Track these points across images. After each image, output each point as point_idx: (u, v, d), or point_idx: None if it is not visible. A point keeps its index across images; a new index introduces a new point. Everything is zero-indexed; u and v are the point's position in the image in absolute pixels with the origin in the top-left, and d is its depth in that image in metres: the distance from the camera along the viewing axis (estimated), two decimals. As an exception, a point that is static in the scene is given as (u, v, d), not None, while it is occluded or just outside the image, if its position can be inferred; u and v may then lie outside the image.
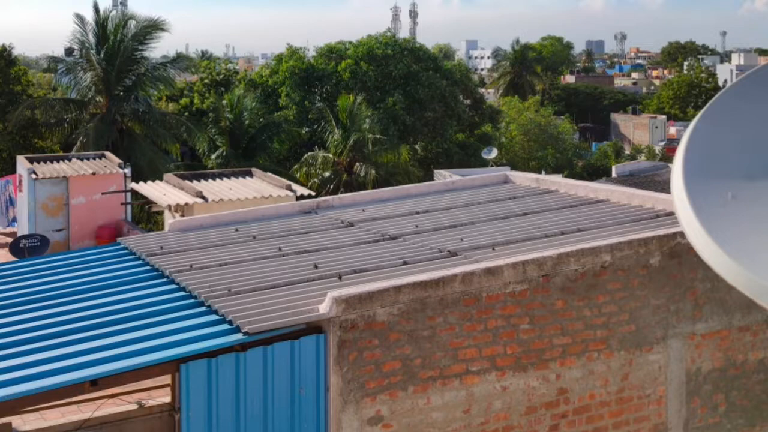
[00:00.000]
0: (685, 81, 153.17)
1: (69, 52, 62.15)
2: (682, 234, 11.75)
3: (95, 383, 10.66)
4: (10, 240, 35.71)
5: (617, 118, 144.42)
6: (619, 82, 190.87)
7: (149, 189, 36.43)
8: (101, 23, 57.88)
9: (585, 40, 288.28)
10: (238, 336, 11.23)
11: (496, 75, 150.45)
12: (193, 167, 57.35)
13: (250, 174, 38.58)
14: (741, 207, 3.82)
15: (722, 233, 3.62)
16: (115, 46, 57.05)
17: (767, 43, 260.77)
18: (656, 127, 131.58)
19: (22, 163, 41.04)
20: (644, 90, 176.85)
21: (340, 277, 13.21)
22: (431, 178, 48.16)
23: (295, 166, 64.25)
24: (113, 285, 14.04)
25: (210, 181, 36.80)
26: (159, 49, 60.49)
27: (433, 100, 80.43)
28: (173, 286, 13.59)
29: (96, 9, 58.36)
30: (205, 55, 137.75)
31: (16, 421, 13.70)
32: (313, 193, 34.63)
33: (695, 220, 3.72)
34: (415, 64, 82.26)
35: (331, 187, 61.66)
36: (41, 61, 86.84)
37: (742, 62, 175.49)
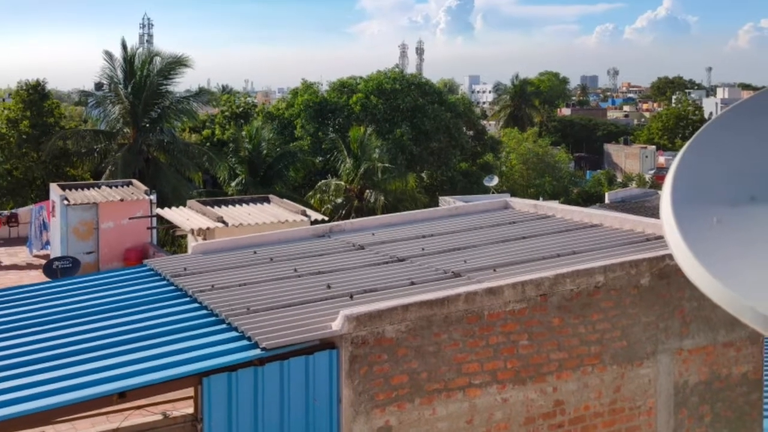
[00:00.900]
0: (673, 113, 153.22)
1: (99, 86, 62.30)
2: (670, 256, 11.75)
3: (123, 395, 10.67)
4: (44, 262, 35.78)
5: (610, 148, 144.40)
6: (612, 115, 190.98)
7: (173, 214, 36.50)
8: (129, 59, 58.04)
9: (580, 76, 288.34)
10: (257, 351, 11.24)
11: (497, 108, 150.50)
12: (214, 194, 57.39)
13: (268, 200, 38.64)
14: (726, 231, 3.83)
15: (708, 256, 3.62)
16: (142, 81, 57.18)
17: (750, 78, 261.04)
18: (646, 157, 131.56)
19: (55, 190, 41.13)
20: (635, 122, 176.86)
21: (351, 297, 13.21)
22: (436, 204, 48.07)
23: (310, 193, 64.30)
24: (140, 304, 14.05)
25: (230, 207, 36.83)
26: (183, 83, 60.64)
27: (438, 131, 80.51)
28: (196, 305, 13.60)
29: (124, 46, 58.59)
30: (225, 90, 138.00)
31: (48, 430, 13.69)
32: (326, 218, 34.62)
33: (683, 243, 3.73)
34: (422, 97, 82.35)
35: (343, 212, 61.67)
36: (73, 95, 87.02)
37: (726, 96, 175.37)
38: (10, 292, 15.50)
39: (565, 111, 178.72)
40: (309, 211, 35.31)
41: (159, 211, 38.59)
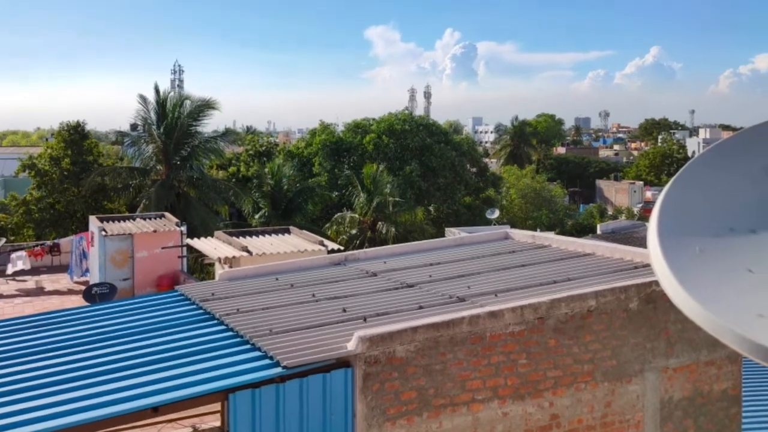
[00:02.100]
0: (659, 152, 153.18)
1: (134, 127, 62.41)
2: (656, 283, 11.74)
3: (156, 410, 10.68)
4: (83, 288, 35.77)
5: (601, 183, 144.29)
6: (603, 153, 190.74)
7: (202, 244, 36.54)
8: (161, 103, 58.11)
9: (574, 117, 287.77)
10: (278, 370, 11.25)
11: (498, 147, 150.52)
12: (239, 226, 57.34)
13: (288, 231, 38.65)
14: (707, 260, 3.85)
15: (691, 282, 3.64)
16: (173, 122, 57.22)
17: (730, 119, 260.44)
18: (634, 192, 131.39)
19: (93, 222, 41.23)
20: (624, 160, 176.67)
21: (365, 320, 13.21)
22: (443, 235, 47.97)
23: (327, 225, 64.22)
24: (171, 326, 14.07)
25: (254, 237, 36.86)
26: (210, 124, 60.66)
27: (444, 168, 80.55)
28: (223, 327, 13.61)
29: (157, 90, 58.67)
30: (249, 130, 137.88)
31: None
32: (342, 248, 34.52)
33: (668, 271, 3.75)
34: (429, 137, 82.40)
35: (357, 242, 61.57)
36: (110, 135, 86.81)
37: (708, 136, 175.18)
38: (53, 315, 15.53)
39: (561, 150, 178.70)
40: (326, 242, 35.31)
41: (189, 241, 38.65)
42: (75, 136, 60.01)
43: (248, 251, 32.73)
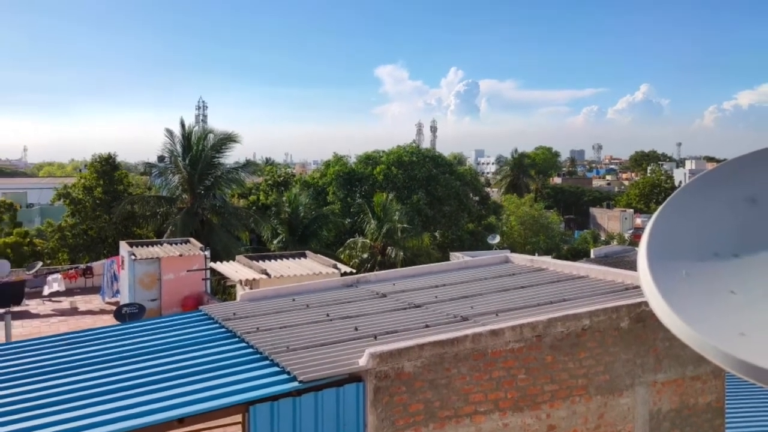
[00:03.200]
0: (648, 182, 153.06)
1: (161, 159, 62.42)
2: (646, 303, 11.76)
3: (182, 421, 10.68)
4: (114, 308, 35.78)
5: (595, 211, 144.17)
6: (596, 183, 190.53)
7: (224, 267, 36.52)
8: (186, 136, 58.20)
9: (569, 150, 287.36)
10: (295, 384, 11.25)
11: (499, 177, 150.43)
12: (259, 250, 57.37)
13: (305, 255, 38.62)
14: (693, 282, 3.85)
15: (678, 303, 3.65)
16: (198, 154, 57.31)
17: (714, 152, 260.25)
18: (625, 219, 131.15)
19: (123, 247, 41.30)
20: (616, 189, 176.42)
21: (375, 337, 13.21)
22: (447, 259, 47.92)
23: (340, 249, 64.25)
24: (196, 343, 14.07)
25: (272, 261, 36.84)
26: (232, 156, 60.65)
27: (449, 197, 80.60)
28: (243, 344, 13.61)
29: (182, 125, 58.76)
30: (268, 162, 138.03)
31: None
32: (354, 271, 34.50)
33: (657, 292, 3.75)
34: (435, 168, 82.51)
35: (368, 266, 61.55)
36: (139, 166, 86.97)
37: (693, 167, 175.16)
38: (87, 333, 15.56)
39: (557, 180, 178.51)
40: (339, 265, 35.27)
41: (212, 264, 38.64)
42: (107, 167, 60.20)
43: (267, 274, 32.71)
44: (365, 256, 63.77)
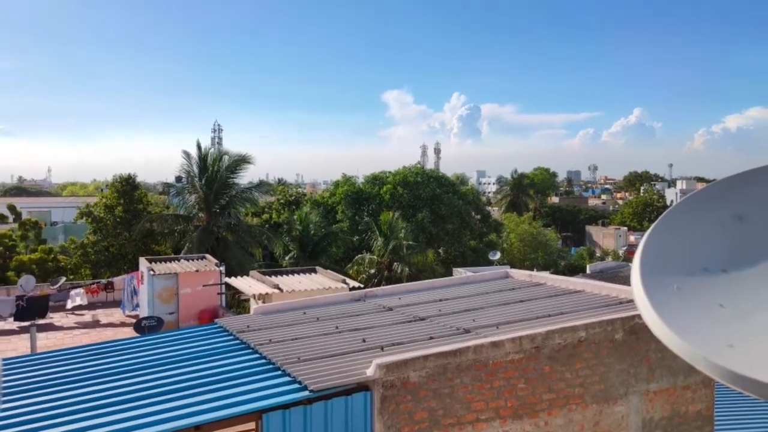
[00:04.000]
0: (642, 201, 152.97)
1: (178, 179, 62.51)
2: (639, 316, 11.73)
3: (198, 428, 10.68)
4: (134, 320, 35.84)
5: (590, 229, 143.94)
6: (592, 202, 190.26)
7: (239, 282, 36.57)
8: (203, 158, 58.31)
9: (566, 170, 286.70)
10: (306, 393, 11.25)
11: (499, 196, 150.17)
12: (271, 266, 57.35)
13: (315, 271, 38.65)
14: (684, 296, 3.85)
15: (670, 316, 3.65)
16: (213, 175, 57.42)
17: (703, 172, 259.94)
18: (620, 236, 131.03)
19: (143, 263, 41.38)
20: (611, 208, 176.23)
21: (382, 349, 13.21)
22: (450, 274, 47.88)
23: (349, 265, 64.20)
24: (212, 354, 14.08)
25: (284, 276, 36.88)
26: (246, 176, 60.73)
27: (452, 215, 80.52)
28: (257, 355, 13.61)
29: (199, 147, 58.88)
30: (280, 182, 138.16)
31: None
32: (362, 286, 34.53)
33: (649, 305, 3.75)
34: (439, 188, 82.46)
35: (375, 281, 61.52)
36: (158, 186, 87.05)
37: (684, 187, 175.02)
38: (108, 345, 15.56)
39: (554, 199, 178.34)
40: (348, 280, 35.28)
41: (227, 279, 38.70)
42: (127, 187, 60.33)
43: (279, 288, 32.74)
44: (372, 271, 63.74)
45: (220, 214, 57.72)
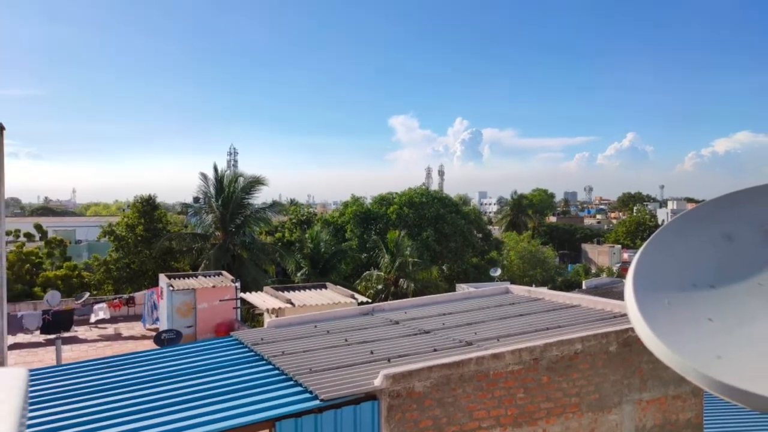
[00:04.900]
0: (634, 221, 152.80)
1: (196, 200, 62.66)
2: (632, 329, 11.75)
3: (215, 435, 10.69)
4: (154, 333, 35.86)
5: (586, 247, 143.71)
6: (588, 222, 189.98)
7: (253, 297, 36.58)
8: (219, 179, 58.47)
9: (563, 191, 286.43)
10: (317, 402, 11.24)
11: (500, 216, 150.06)
12: (284, 282, 57.42)
13: (325, 287, 38.66)
14: (674, 311, 3.86)
15: (661, 329, 3.65)
16: (229, 196, 57.54)
17: (693, 193, 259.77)
18: (614, 253, 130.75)
19: (162, 279, 41.49)
20: (605, 227, 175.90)
21: (389, 360, 13.20)
22: (454, 290, 47.85)
23: (357, 281, 64.12)
24: (228, 365, 14.08)
25: (296, 291, 36.90)
26: (260, 197, 60.78)
27: (455, 234, 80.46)
28: (270, 366, 13.61)
29: (215, 169, 59.04)
30: (292, 202, 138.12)
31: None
32: (370, 300, 34.53)
33: (642, 319, 3.76)
34: (442, 208, 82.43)
35: (383, 296, 61.46)
36: (176, 206, 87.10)
37: (675, 207, 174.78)
38: (129, 357, 15.57)
39: (552, 219, 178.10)
40: (356, 295, 35.30)
41: (242, 294, 38.75)
42: (147, 207, 60.49)
43: (291, 303, 32.73)
44: (380, 287, 63.67)
45: (235, 233, 57.79)
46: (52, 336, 38.57)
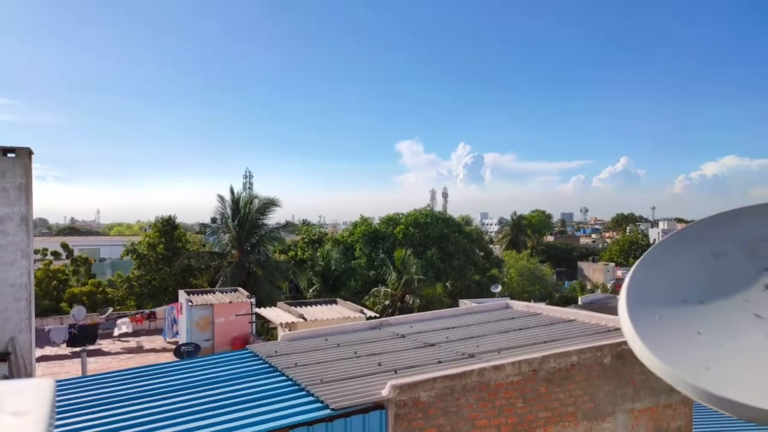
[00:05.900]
0: (628, 240, 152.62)
1: (213, 220, 62.80)
2: (625, 342, 11.72)
3: (231, 443, 10.67)
4: (174, 346, 35.87)
5: (582, 264, 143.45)
6: (583, 241, 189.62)
7: (267, 312, 36.59)
8: (235, 201, 58.69)
9: (560, 212, 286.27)
10: (328, 411, 11.23)
11: (501, 236, 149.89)
12: (296, 298, 57.48)
13: (335, 302, 38.67)
14: (665, 325, 3.88)
15: (653, 342, 3.67)
16: (245, 217, 57.70)
17: (683, 214, 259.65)
18: (608, 271, 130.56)
19: (182, 295, 41.49)
20: (600, 246, 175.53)
21: (396, 371, 13.18)
22: (457, 305, 47.81)
23: (366, 297, 64.16)
24: (244, 376, 14.06)
25: (308, 307, 36.90)
26: (274, 218, 61.11)
27: (458, 252, 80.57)
28: (284, 377, 13.60)
29: (232, 191, 59.27)
30: (304, 222, 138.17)
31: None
32: (378, 315, 34.52)
33: (635, 333, 3.78)
34: (446, 228, 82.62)
35: (390, 311, 61.44)
36: (195, 226, 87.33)
37: (666, 227, 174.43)
38: (151, 368, 15.56)
39: (550, 238, 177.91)
40: (365, 310, 35.28)
41: (257, 310, 38.76)
42: (167, 227, 60.68)
43: (304, 318, 32.74)
44: (387, 302, 63.66)
45: (250, 252, 57.88)
46: (78, 349, 38.59)
